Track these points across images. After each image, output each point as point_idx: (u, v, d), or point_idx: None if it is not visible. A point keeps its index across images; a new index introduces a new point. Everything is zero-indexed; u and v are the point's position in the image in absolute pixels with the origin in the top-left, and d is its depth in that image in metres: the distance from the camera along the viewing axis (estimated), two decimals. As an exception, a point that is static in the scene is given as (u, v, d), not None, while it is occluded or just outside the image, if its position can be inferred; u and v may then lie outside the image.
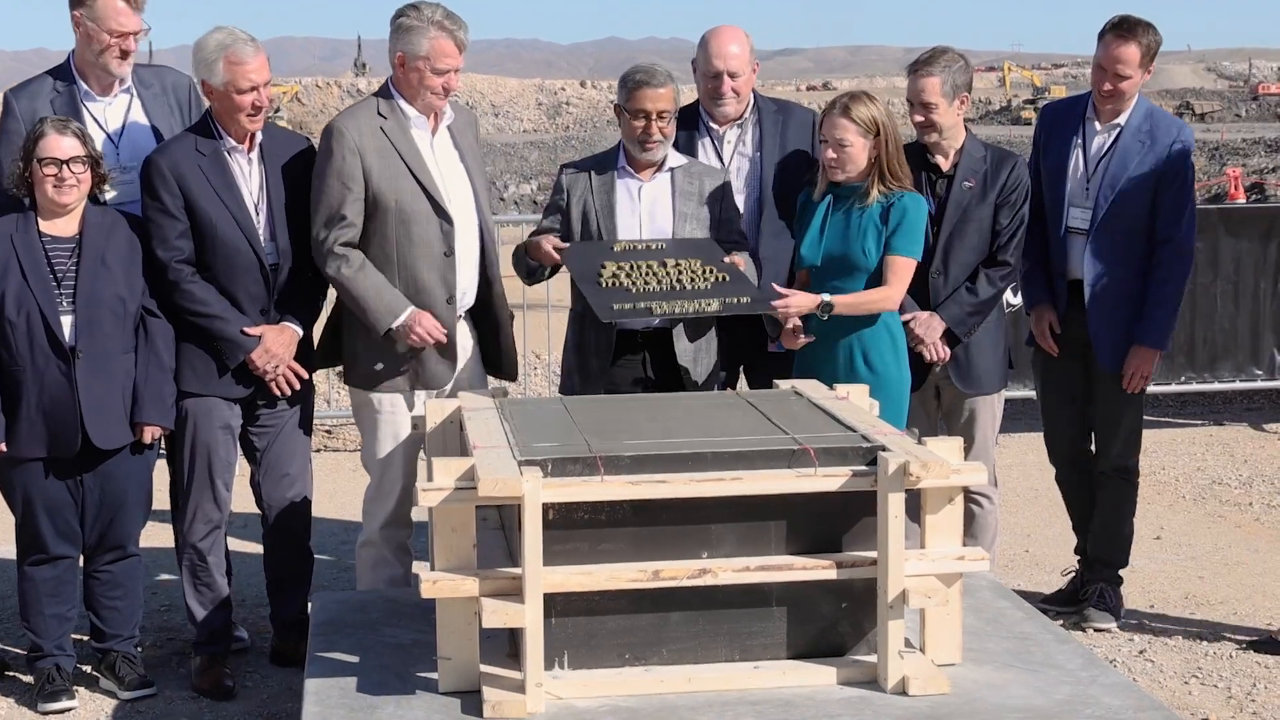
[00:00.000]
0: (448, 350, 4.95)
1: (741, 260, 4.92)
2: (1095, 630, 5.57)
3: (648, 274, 4.71)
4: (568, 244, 4.92)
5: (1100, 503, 5.73)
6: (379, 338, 4.87)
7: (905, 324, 5.24)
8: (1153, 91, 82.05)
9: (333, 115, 5.13)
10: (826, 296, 4.87)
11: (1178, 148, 5.44)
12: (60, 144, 4.72)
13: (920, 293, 5.31)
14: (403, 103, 4.89)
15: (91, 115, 5.06)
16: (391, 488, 5.04)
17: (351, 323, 4.98)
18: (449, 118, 5.01)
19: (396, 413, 4.97)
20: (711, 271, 4.75)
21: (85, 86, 5.07)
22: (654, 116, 4.95)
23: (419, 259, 4.87)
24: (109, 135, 5.08)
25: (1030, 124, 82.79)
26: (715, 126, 5.41)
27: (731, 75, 5.32)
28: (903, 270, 4.92)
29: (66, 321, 4.74)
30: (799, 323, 4.97)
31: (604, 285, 4.67)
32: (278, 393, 5.01)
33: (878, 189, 4.92)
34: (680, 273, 4.73)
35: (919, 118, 5.30)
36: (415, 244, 4.87)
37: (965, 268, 5.32)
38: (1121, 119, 5.48)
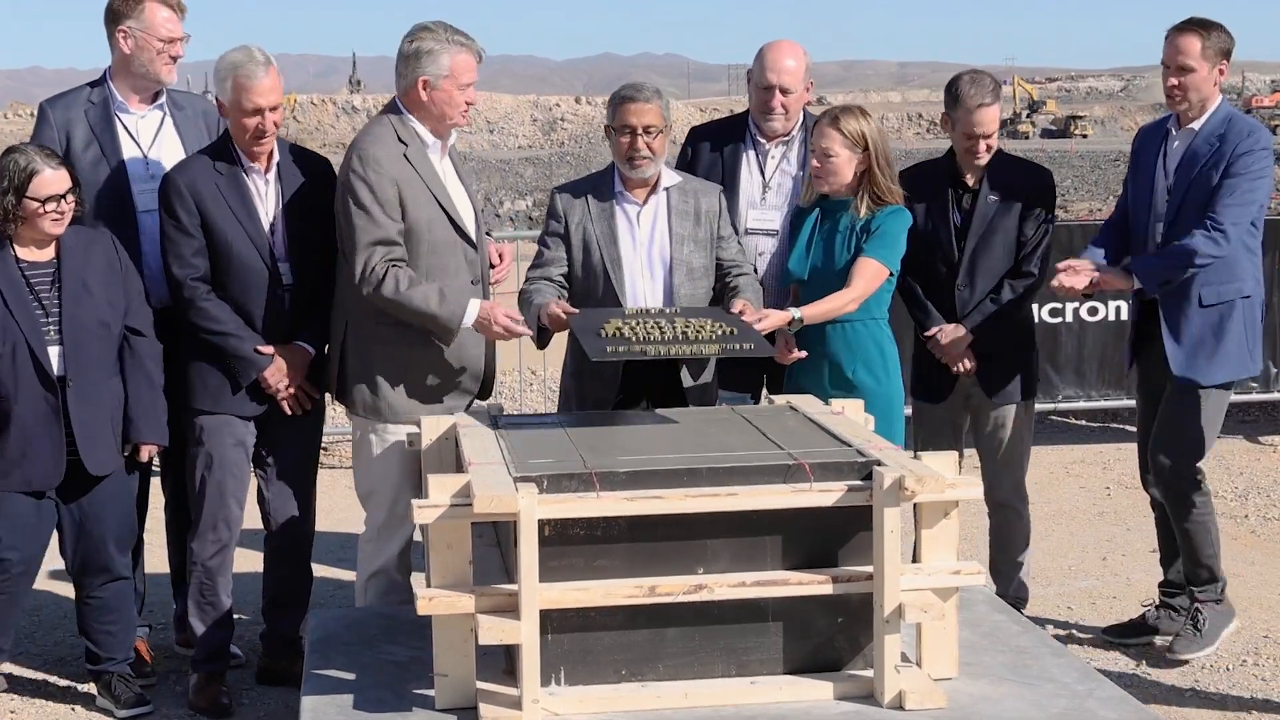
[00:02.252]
0: (466, 379, 4.90)
1: (746, 304, 4.74)
2: (1179, 659, 5.32)
3: (652, 327, 4.48)
4: (579, 310, 4.71)
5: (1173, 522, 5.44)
6: (448, 343, 4.72)
7: (931, 337, 5.29)
8: (1146, 105, 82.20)
9: (327, 132, 5.14)
10: (794, 312, 4.81)
11: (1243, 149, 5.08)
12: (56, 179, 4.71)
13: (946, 305, 5.34)
14: (416, 125, 4.77)
15: (124, 126, 5.15)
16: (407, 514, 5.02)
17: (367, 353, 4.83)
18: (453, 139, 4.93)
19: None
20: (719, 327, 4.52)
21: (120, 98, 5.15)
22: (640, 131, 4.84)
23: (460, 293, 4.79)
24: (140, 147, 5.16)
25: (1028, 138, 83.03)
26: (762, 141, 5.40)
27: (783, 91, 5.30)
28: (868, 272, 4.85)
29: (54, 351, 4.70)
30: (791, 337, 4.98)
31: (604, 335, 4.44)
32: (289, 411, 5.01)
33: (866, 205, 4.90)
34: (687, 327, 4.50)
35: (982, 148, 5.29)
36: (449, 274, 4.78)
37: (990, 280, 5.33)
38: (1197, 124, 5.21)
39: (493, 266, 5.09)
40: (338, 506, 7.58)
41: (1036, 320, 8.73)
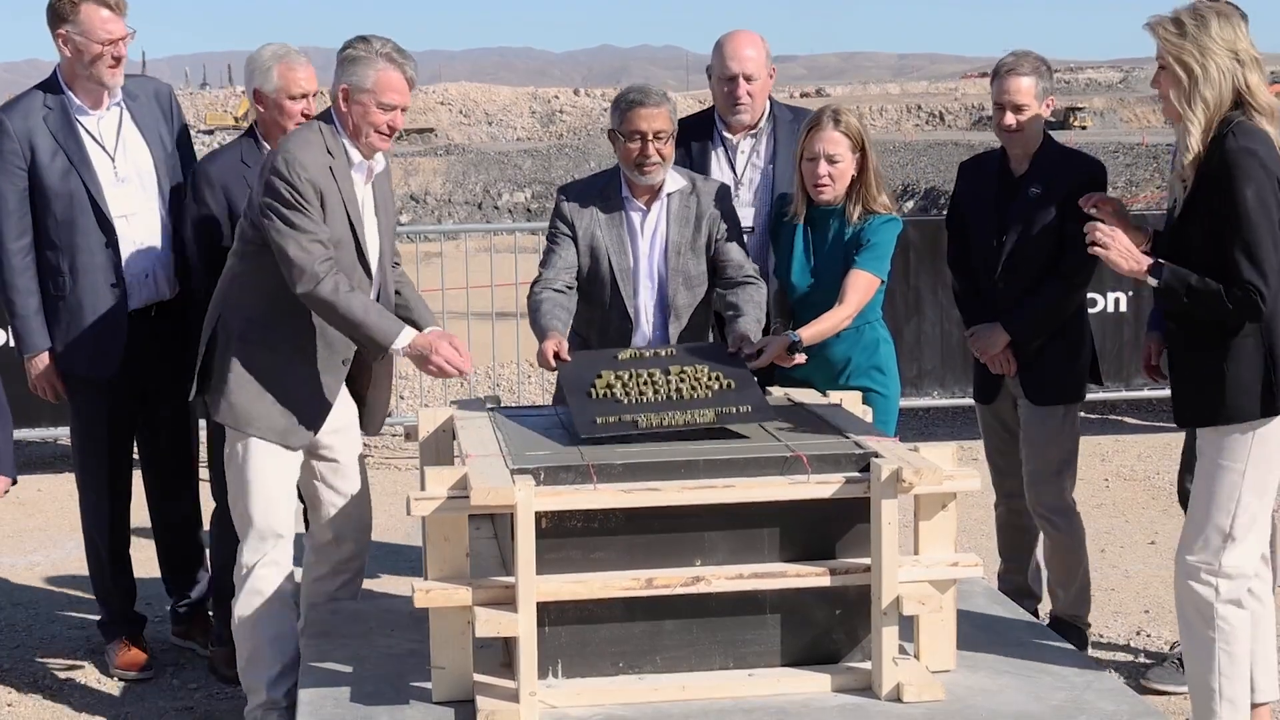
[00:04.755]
0: (321, 407, 4.47)
1: (745, 339, 4.59)
2: (1151, 687, 5.02)
3: (644, 384, 4.27)
4: (570, 358, 4.50)
5: None
6: (376, 359, 4.47)
7: (971, 336, 5.20)
8: (1145, 96, 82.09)
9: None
10: (793, 336, 4.67)
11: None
12: None
13: (988, 302, 5.18)
14: (346, 141, 4.39)
15: (85, 129, 5.06)
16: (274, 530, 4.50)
17: (225, 353, 4.43)
18: (380, 166, 4.54)
19: (271, 457, 4.44)
20: (717, 379, 4.30)
21: (77, 101, 5.05)
22: (650, 137, 4.69)
23: None
24: (105, 148, 5.08)
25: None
26: (729, 136, 5.28)
27: (748, 78, 5.19)
28: (861, 285, 4.72)
29: None
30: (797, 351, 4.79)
31: (594, 396, 4.24)
32: None
33: (860, 210, 4.78)
34: (681, 380, 4.28)
35: (1009, 120, 4.99)
36: None
37: (1029, 278, 5.05)
38: None
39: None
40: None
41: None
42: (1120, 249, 4.01)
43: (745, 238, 5.10)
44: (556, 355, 4.50)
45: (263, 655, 4.46)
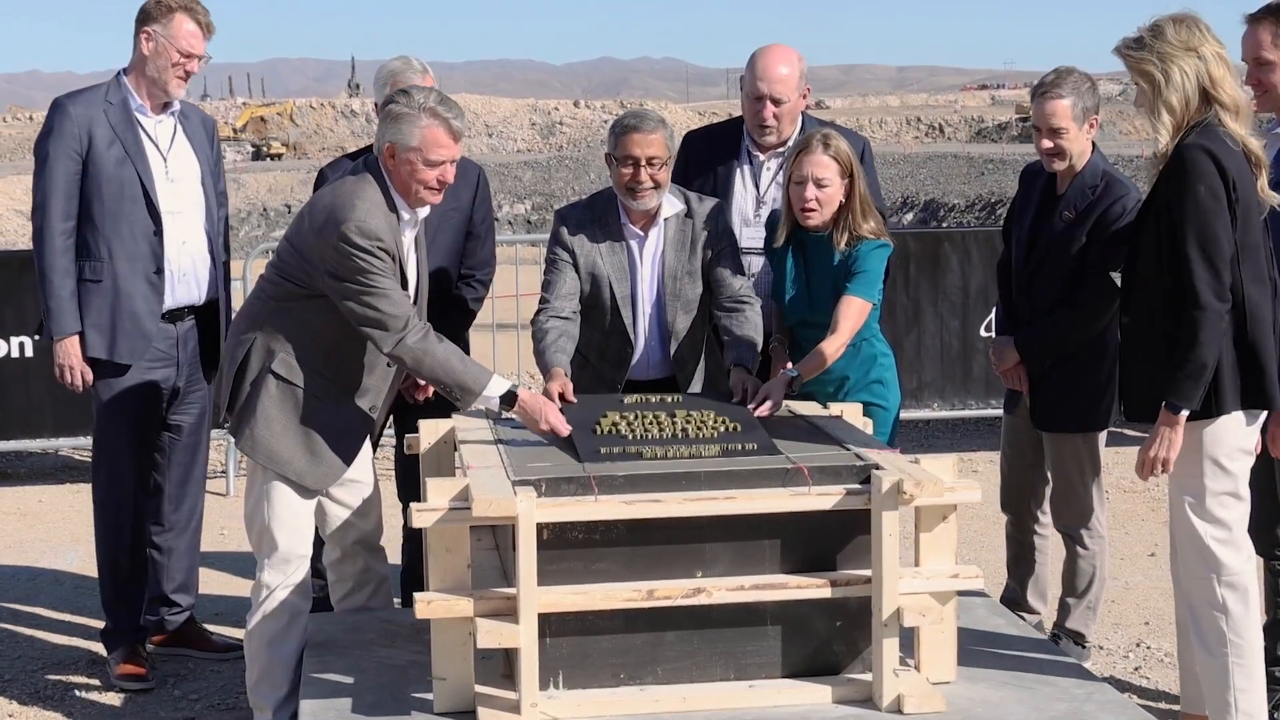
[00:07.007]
0: (346, 454, 4.42)
1: (745, 381, 4.60)
2: None
3: (650, 423, 4.27)
4: (575, 399, 4.53)
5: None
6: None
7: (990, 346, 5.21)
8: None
9: (326, 136, 5.16)
10: (791, 373, 4.63)
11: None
12: None
13: (1012, 315, 5.18)
14: (395, 195, 4.30)
15: (144, 129, 5.21)
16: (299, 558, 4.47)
17: (257, 383, 4.32)
18: (425, 212, 4.48)
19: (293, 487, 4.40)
20: (722, 422, 4.28)
21: (139, 101, 5.20)
22: (644, 163, 4.69)
23: (378, 365, 4.42)
24: (159, 149, 5.22)
25: (1029, 140, 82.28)
26: (757, 154, 5.20)
27: (775, 101, 5.05)
28: (853, 312, 4.66)
29: None
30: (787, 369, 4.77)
31: (599, 432, 4.22)
32: None
33: (847, 237, 4.73)
34: (688, 422, 4.28)
35: (1047, 144, 4.90)
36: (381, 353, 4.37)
37: (1045, 299, 5.01)
38: None
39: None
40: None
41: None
42: None
43: (762, 260, 5.09)
44: (561, 396, 4.50)
45: (273, 676, 4.44)
